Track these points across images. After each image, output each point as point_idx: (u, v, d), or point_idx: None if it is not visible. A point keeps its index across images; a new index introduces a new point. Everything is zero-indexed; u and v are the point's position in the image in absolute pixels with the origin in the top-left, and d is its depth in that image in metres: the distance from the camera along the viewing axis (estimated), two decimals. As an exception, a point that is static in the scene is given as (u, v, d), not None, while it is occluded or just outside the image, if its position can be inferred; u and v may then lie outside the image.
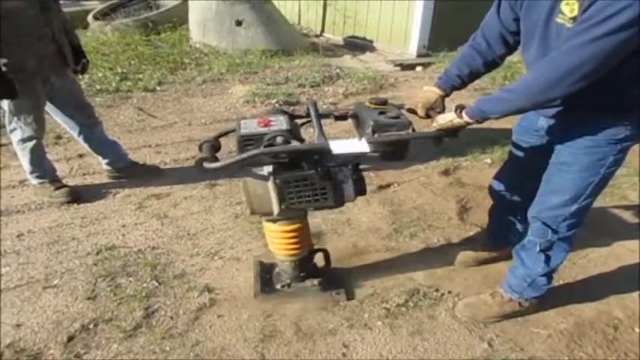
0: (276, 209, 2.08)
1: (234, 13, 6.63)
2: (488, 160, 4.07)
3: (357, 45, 7.95)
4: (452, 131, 2.05)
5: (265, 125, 2.03)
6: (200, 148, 2.10)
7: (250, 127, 2.03)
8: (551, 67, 1.69)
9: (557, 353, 2.25)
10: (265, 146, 1.94)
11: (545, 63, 1.72)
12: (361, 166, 2.15)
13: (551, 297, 2.53)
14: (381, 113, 2.08)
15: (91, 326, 2.28)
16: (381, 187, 3.59)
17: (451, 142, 4.08)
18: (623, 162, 2.01)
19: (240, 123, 2.07)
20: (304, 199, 2.06)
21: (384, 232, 3.04)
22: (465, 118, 1.96)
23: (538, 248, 2.21)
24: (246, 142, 1.99)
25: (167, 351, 2.16)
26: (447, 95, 2.24)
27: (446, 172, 3.87)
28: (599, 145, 1.93)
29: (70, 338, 2.21)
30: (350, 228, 3.08)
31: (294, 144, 1.97)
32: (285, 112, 2.21)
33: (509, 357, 2.20)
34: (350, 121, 2.31)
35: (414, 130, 2.02)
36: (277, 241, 2.32)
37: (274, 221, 2.24)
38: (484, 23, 2.14)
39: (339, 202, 2.12)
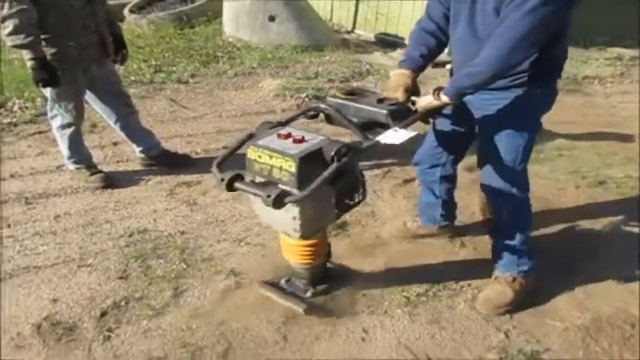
0: (331, 221, 2.16)
1: (268, 8, 6.73)
2: (515, 158, 4.07)
3: (388, 42, 7.97)
4: (433, 112, 2.21)
5: (301, 141, 1.91)
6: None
7: (291, 146, 1.88)
8: (504, 38, 1.91)
9: (572, 347, 2.28)
10: (332, 159, 1.85)
11: (498, 37, 1.93)
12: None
13: (569, 292, 2.57)
14: (380, 102, 2.17)
15: (123, 303, 2.40)
16: (406, 181, 3.64)
17: (476, 139, 4.15)
18: (540, 128, 2.33)
19: (277, 146, 1.89)
20: (352, 203, 2.12)
21: (407, 224, 3.09)
22: (444, 98, 2.12)
23: (504, 215, 2.43)
24: (308, 161, 1.85)
25: (194, 329, 2.26)
26: (417, 76, 2.33)
27: (470, 169, 3.87)
28: (519, 110, 2.17)
29: (103, 314, 2.33)
30: (374, 220, 3.14)
31: (363, 144, 1.98)
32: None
33: (525, 348, 2.24)
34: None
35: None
36: (302, 251, 2.27)
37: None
38: (429, 7, 2.32)
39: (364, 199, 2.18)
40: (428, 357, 2.17)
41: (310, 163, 1.84)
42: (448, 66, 6.81)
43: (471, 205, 3.35)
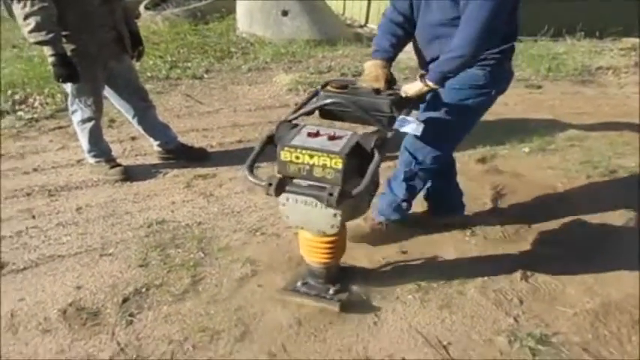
0: (364, 212, 2.27)
1: (281, 3, 6.80)
2: (527, 149, 4.12)
3: (400, 35, 8.00)
4: (420, 97, 2.35)
5: (335, 137, 1.97)
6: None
7: (330, 143, 1.93)
8: (475, 22, 2.11)
9: (581, 330, 2.33)
10: (372, 150, 1.95)
11: (468, 21, 2.12)
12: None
13: (579, 279, 2.62)
14: (377, 93, 2.26)
15: (144, 290, 2.49)
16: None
17: (490, 131, 4.19)
18: (486, 108, 2.53)
19: (316, 145, 1.92)
20: (375, 193, 2.23)
21: (418, 214, 3.15)
22: (429, 83, 2.27)
23: (402, 176, 2.65)
24: (351, 157, 1.89)
25: (212, 314, 2.34)
26: (390, 65, 2.43)
27: (482, 160, 3.94)
28: (462, 88, 2.37)
29: (125, 300, 2.42)
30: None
31: (387, 134, 2.07)
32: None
33: (534, 332, 2.29)
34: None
35: None
36: (327, 248, 2.29)
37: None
38: (391, 4, 2.46)
39: None
40: (438, 340, 2.24)
41: (352, 158, 1.89)
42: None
43: (483, 196, 3.40)
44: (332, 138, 1.95)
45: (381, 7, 8.15)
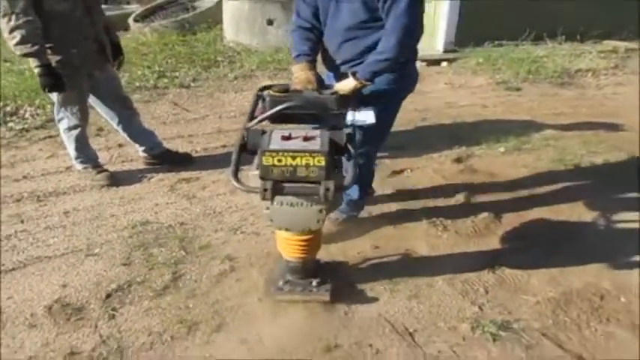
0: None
1: (266, 12, 6.95)
2: (502, 149, 4.25)
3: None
4: (353, 93, 2.47)
5: (310, 138, 2.04)
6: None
7: (308, 144, 2.01)
8: (399, 27, 2.33)
9: (542, 317, 2.45)
10: (346, 145, 2.09)
11: (394, 27, 2.34)
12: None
13: (544, 270, 2.75)
14: (320, 93, 2.39)
15: (126, 287, 2.61)
16: (394, 172, 3.82)
17: (467, 132, 4.33)
18: (396, 109, 2.74)
19: (296, 146, 1.99)
20: None
21: (393, 211, 3.28)
22: (361, 80, 2.44)
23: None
24: (330, 153, 1.99)
25: (190, 307, 2.46)
26: (315, 68, 2.60)
27: (458, 160, 4.06)
28: (379, 91, 2.55)
29: (108, 296, 2.54)
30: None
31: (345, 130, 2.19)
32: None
33: (497, 319, 2.41)
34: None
35: None
36: (306, 244, 2.37)
37: None
38: (297, 8, 2.65)
39: None
40: (405, 327, 2.36)
41: (330, 154, 1.98)
42: (444, 64, 7.02)
43: (456, 194, 3.52)
44: (307, 139, 2.04)
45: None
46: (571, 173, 3.86)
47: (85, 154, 3.60)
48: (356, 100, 2.45)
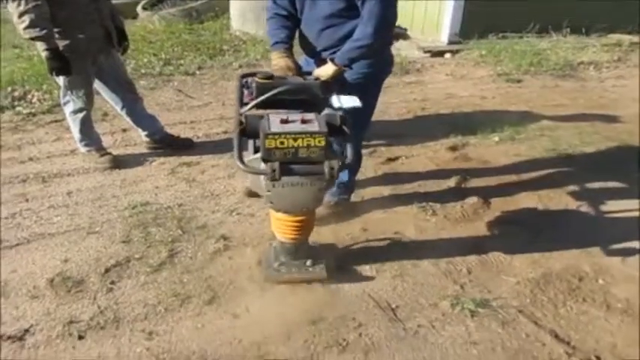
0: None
1: (272, 2, 7.02)
2: (497, 139, 4.33)
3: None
4: (332, 78, 2.56)
5: (307, 120, 2.12)
6: None
7: (307, 126, 2.09)
8: (376, 16, 2.42)
9: (520, 296, 2.56)
10: (341, 125, 2.18)
11: (370, 15, 2.43)
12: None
13: (527, 254, 2.84)
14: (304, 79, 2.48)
15: (124, 262, 2.73)
16: (389, 160, 3.92)
17: (464, 122, 4.41)
18: (376, 93, 2.82)
19: (297, 129, 2.07)
20: None
21: (384, 196, 3.38)
22: (340, 66, 2.55)
23: None
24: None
25: (184, 282, 2.59)
26: (292, 54, 2.71)
27: (453, 148, 4.16)
28: (359, 76, 2.66)
29: (107, 270, 2.67)
30: (354, 194, 3.40)
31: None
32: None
33: (476, 296, 2.52)
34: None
35: None
36: (302, 225, 2.45)
37: None
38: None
39: None
40: (388, 303, 2.47)
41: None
42: (447, 55, 7.08)
43: (448, 180, 3.62)
44: (304, 121, 2.12)
45: (372, 5, 8.37)
46: (562, 163, 3.94)
47: (89, 137, 3.73)
48: (338, 85, 2.55)
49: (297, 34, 2.78)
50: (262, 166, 2.09)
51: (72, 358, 2.15)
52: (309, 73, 2.62)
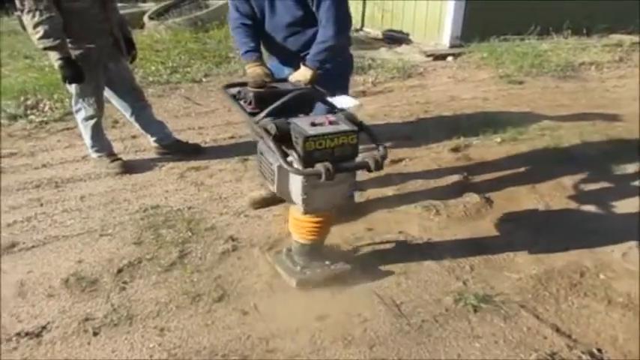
0: None
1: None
2: (499, 139, 4.40)
3: (395, 38, 8.31)
4: (311, 81, 2.69)
5: (334, 121, 2.22)
6: None
7: (338, 126, 2.19)
8: (333, 18, 2.62)
9: (522, 291, 2.62)
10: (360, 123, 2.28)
11: (328, 19, 2.62)
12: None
13: (530, 250, 2.91)
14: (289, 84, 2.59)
15: (136, 263, 2.81)
16: (393, 162, 3.98)
17: (466, 124, 4.47)
18: (348, 88, 2.99)
19: (331, 130, 2.15)
20: None
21: (389, 197, 3.46)
22: (311, 67, 2.69)
23: None
24: None
25: (195, 281, 2.67)
26: (263, 62, 2.89)
27: (456, 149, 4.23)
28: (333, 73, 2.81)
29: (120, 270, 2.75)
30: (359, 195, 3.47)
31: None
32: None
33: (479, 292, 2.58)
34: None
35: None
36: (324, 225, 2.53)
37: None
38: (236, 6, 2.86)
39: None
40: (392, 299, 2.54)
41: None
42: (449, 58, 7.16)
43: (451, 181, 3.69)
44: (332, 122, 2.22)
45: (375, 11, 8.50)
46: (564, 162, 4.00)
47: (100, 143, 3.83)
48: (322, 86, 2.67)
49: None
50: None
51: (87, 353, 2.23)
52: (285, 80, 2.74)
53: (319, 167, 2.07)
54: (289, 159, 2.16)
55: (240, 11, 2.85)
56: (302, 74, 2.72)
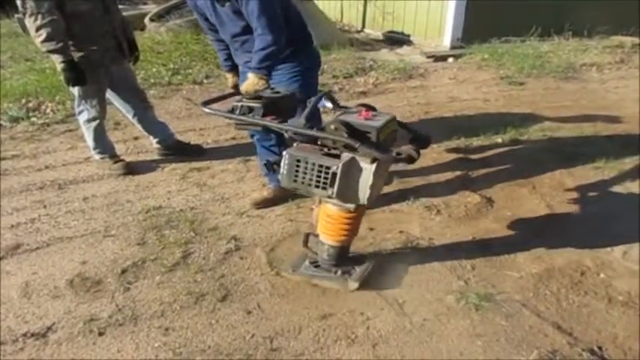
0: None
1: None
2: (499, 140, 4.42)
3: (396, 39, 8.35)
4: (256, 88, 2.75)
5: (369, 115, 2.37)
6: None
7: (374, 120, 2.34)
8: (261, 26, 2.74)
9: (523, 290, 2.63)
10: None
11: (258, 26, 2.75)
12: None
13: (531, 250, 2.92)
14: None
15: (140, 263, 2.84)
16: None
17: (467, 125, 4.49)
18: (314, 83, 3.19)
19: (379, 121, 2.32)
20: None
21: (390, 197, 3.47)
22: (258, 75, 2.80)
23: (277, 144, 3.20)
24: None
25: (198, 281, 2.69)
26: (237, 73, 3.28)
27: (456, 150, 4.25)
28: (295, 74, 3.01)
29: (123, 271, 2.77)
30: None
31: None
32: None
33: (481, 291, 2.60)
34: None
35: None
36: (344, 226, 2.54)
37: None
38: (202, 24, 3.22)
39: None
40: (395, 299, 2.55)
41: None
42: (450, 60, 7.19)
43: (451, 182, 3.71)
44: (367, 116, 2.35)
45: (376, 13, 8.53)
46: (564, 162, 4.01)
47: (103, 144, 3.85)
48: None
49: None
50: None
51: (93, 353, 2.25)
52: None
53: (409, 151, 2.31)
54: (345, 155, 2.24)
55: (206, 27, 3.14)
56: (251, 83, 2.81)
